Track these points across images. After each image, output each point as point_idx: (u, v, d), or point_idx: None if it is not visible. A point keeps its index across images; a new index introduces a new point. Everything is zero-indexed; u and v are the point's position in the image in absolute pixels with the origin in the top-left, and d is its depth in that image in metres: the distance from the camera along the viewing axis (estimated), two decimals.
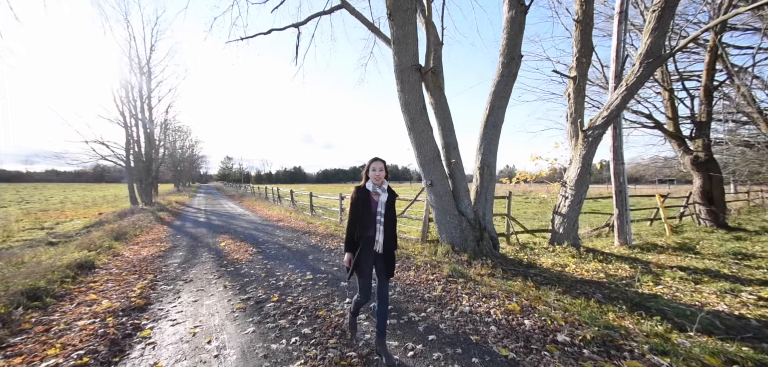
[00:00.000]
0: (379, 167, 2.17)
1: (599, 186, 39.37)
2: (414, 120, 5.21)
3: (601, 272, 4.61)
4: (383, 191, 2.17)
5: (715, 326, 2.76)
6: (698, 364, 2.10)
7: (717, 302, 3.43)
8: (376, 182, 2.16)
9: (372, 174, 2.17)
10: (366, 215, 2.15)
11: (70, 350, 2.32)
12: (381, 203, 2.15)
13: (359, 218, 2.15)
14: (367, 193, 2.18)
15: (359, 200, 2.16)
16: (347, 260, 2.16)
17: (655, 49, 4.78)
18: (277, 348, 2.37)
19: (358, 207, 2.16)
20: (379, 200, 2.16)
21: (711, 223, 8.61)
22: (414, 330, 2.61)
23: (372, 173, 2.17)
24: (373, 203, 2.17)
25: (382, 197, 2.16)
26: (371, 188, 2.17)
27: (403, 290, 3.57)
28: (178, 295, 3.59)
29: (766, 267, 4.77)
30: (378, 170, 2.16)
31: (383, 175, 2.17)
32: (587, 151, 5.92)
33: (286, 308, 3.11)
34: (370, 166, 2.19)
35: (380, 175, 2.16)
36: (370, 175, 2.18)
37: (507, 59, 5.30)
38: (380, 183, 2.17)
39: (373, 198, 2.17)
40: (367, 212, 2.15)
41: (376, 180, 2.16)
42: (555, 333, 2.46)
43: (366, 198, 2.17)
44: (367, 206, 2.16)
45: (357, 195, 2.18)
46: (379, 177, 2.15)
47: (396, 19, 4.60)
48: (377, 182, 2.16)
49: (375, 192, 2.16)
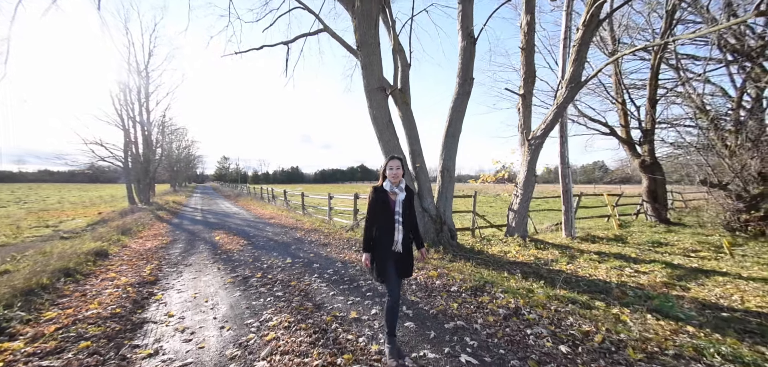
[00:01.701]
0: (396, 166, 2.14)
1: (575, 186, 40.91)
2: (381, 131, 6.15)
3: (533, 257, 5.60)
4: (401, 189, 2.14)
5: (575, 285, 3.75)
6: (527, 297, 3.13)
7: (599, 274, 4.43)
8: (393, 181, 2.13)
9: (389, 173, 2.14)
10: (385, 215, 2.12)
11: (105, 305, 3.22)
12: (399, 202, 2.13)
13: (377, 218, 2.13)
14: (384, 193, 2.14)
15: (377, 200, 2.13)
16: (366, 260, 2.15)
17: (576, 76, 5.81)
18: (255, 303, 3.29)
19: (377, 207, 2.13)
20: (397, 198, 2.13)
21: (655, 218, 9.70)
22: (359, 291, 3.55)
23: (389, 172, 2.14)
24: (391, 202, 2.13)
25: (400, 195, 2.13)
26: (389, 187, 2.13)
27: (362, 268, 4.51)
28: (180, 274, 4.49)
29: (668, 252, 5.81)
30: (395, 169, 2.13)
31: (401, 174, 2.14)
32: (531, 158, 6.94)
33: (266, 281, 4.04)
34: (387, 165, 2.16)
35: (398, 174, 2.12)
36: (388, 173, 2.15)
37: (462, 80, 6.29)
38: (398, 182, 2.14)
39: (391, 197, 2.13)
40: (385, 211, 2.12)
41: (394, 179, 2.12)
42: (451, 286, 3.46)
43: (384, 198, 2.13)
44: (386, 206, 2.12)
45: (375, 195, 2.15)
46: (396, 176, 2.12)
47: (363, 50, 5.55)
48: (395, 181, 2.12)
49: (393, 191, 2.12)
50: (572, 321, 2.74)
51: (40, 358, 2.22)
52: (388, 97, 6.26)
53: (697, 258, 5.41)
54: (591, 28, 5.48)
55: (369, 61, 5.62)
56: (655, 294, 3.56)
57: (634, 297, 3.44)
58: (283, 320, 2.84)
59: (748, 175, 6.82)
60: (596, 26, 5.54)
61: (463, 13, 6.17)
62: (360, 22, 5.41)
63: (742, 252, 5.61)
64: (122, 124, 16.84)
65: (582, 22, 5.53)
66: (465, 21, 6.17)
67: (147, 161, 18.77)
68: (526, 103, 7.34)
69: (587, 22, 5.41)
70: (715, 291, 3.71)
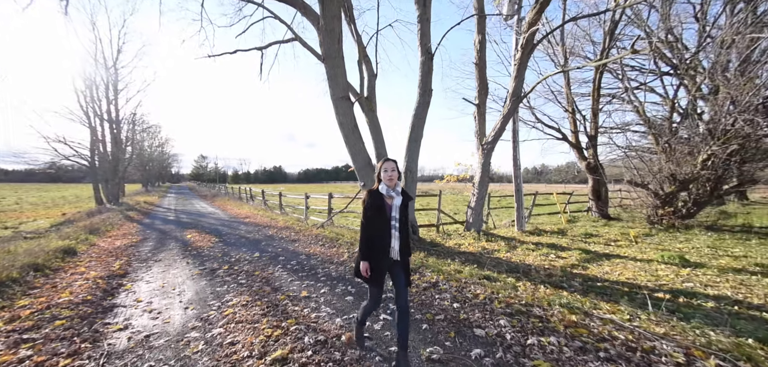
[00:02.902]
0: (391, 168, 2.05)
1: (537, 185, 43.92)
2: (347, 136, 6.68)
3: (481, 247, 6.36)
4: (397, 193, 2.05)
5: (501, 267, 4.50)
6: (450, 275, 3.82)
7: (527, 260, 5.23)
8: (389, 184, 2.03)
9: (384, 175, 2.04)
10: (380, 221, 2.01)
11: (77, 294, 3.53)
12: (395, 207, 2.04)
13: (374, 224, 2.03)
14: (380, 197, 2.04)
15: (373, 205, 2.03)
16: (365, 268, 2.02)
17: (517, 91, 6.65)
18: (219, 289, 3.73)
19: (372, 213, 2.03)
20: (393, 203, 2.04)
21: (598, 214, 10.94)
22: (315, 277, 4.08)
23: (384, 175, 2.04)
24: (387, 207, 2.03)
25: (396, 200, 2.04)
26: (385, 191, 2.03)
27: (323, 259, 5.03)
28: (149, 268, 4.79)
29: (593, 241, 6.79)
30: (390, 171, 2.04)
31: (396, 176, 2.05)
32: (484, 160, 7.76)
33: (232, 272, 4.46)
34: (382, 168, 2.07)
35: (393, 176, 2.03)
36: (383, 176, 2.05)
37: (422, 91, 6.95)
38: (394, 185, 2.04)
39: (387, 202, 2.04)
40: (381, 217, 2.02)
41: (389, 182, 2.03)
42: None
43: (380, 203, 2.03)
44: (382, 211, 2.02)
45: (371, 200, 2.04)
46: (392, 178, 2.03)
47: (327, 62, 6.06)
48: (390, 184, 2.03)
49: (389, 195, 2.04)
50: (472, 289, 3.45)
51: (20, 333, 2.57)
52: (353, 105, 6.81)
53: (613, 246, 6.40)
54: (527, 50, 6.33)
55: (334, 73, 6.14)
56: (559, 272, 4.37)
57: (542, 275, 4.22)
58: (241, 300, 3.32)
59: (663, 176, 8.01)
60: (532, 49, 6.39)
61: (421, 32, 6.84)
62: (324, 37, 5.91)
63: (650, 241, 6.69)
64: (88, 122, 16.19)
65: (520, 45, 6.37)
66: (423, 39, 6.84)
67: (116, 160, 18.11)
68: (480, 112, 8.17)
69: (524, 45, 6.25)
70: (606, 269, 4.60)
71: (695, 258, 5.06)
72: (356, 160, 6.79)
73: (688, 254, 5.26)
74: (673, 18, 9.66)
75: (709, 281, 4.02)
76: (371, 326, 2.65)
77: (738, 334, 2.51)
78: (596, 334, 2.52)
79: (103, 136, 17.42)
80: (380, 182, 2.08)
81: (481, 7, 7.42)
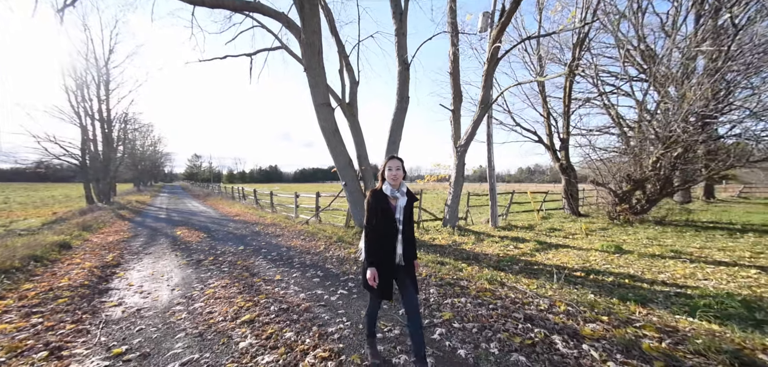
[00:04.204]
0: (396, 166, 1.93)
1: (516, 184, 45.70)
2: (329, 139, 7.21)
3: (453, 241, 6.94)
4: (402, 194, 1.95)
5: (461, 255, 5.07)
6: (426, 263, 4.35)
7: (490, 251, 5.82)
8: (393, 184, 1.93)
9: (388, 174, 1.93)
10: (385, 223, 1.91)
11: (75, 279, 3.98)
12: (400, 208, 1.94)
13: (378, 228, 1.91)
14: (384, 197, 1.93)
15: (377, 208, 1.91)
16: (371, 276, 1.86)
17: (486, 99, 7.27)
18: (203, 276, 4.22)
19: (377, 215, 1.91)
20: (398, 204, 1.94)
21: (570, 211, 11.66)
22: (291, 265, 4.59)
23: (388, 173, 1.93)
24: (391, 208, 1.93)
25: (401, 201, 1.95)
26: (389, 191, 1.92)
27: (301, 251, 5.55)
28: (141, 260, 5.24)
29: (554, 235, 7.45)
30: (395, 170, 1.92)
31: (401, 176, 1.94)
32: (459, 162, 8.37)
33: (217, 262, 4.94)
34: (387, 165, 1.95)
35: (398, 175, 1.93)
36: (387, 175, 1.94)
37: (399, 98, 7.52)
38: (398, 185, 1.94)
39: (391, 203, 1.94)
40: (386, 219, 1.91)
41: (394, 181, 1.92)
42: (360, 257, 4.62)
43: (384, 204, 1.92)
44: (386, 213, 1.91)
45: (375, 202, 1.93)
46: (396, 178, 1.92)
47: (309, 73, 6.58)
48: (395, 184, 1.93)
49: (393, 196, 1.92)
50: (422, 271, 4.01)
51: (30, 308, 3.04)
52: (334, 110, 7.33)
53: (570, 238, 7.05)
54: (492, 63, 6.95)
55: (315, 82, 6.66)
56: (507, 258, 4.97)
57: (492, 261, 4.82)
58: (222, 283, 3.82)
59: (621, 177, 8.73)
60: (496, 63, 7.02)
61: (398, 44, 7.41)
62: (305, 50, 6.43)
63: (603, 234, 7.37)
64: (79, 121, 16.33)
65: (486, 59, 6.99)
66: (400, 50, 7.42)
67: (107, 159, 18.27)
68: (455, 117, 8.77)
69: (489, 59, 6.87)
70: (549, 256, 5.24)
71: (630, 247, 5.73)
72: (338, 161, 7.33)
73: (625, 244, 5.94)
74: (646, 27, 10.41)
75: (624, 263, 4.71)
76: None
77: (597, 294, 3.28)
78: (497, 296, 3.21)
79: (94, 135, 17.57)
80: (383, 182, 1.97)
81: (454, 22, 8.03)
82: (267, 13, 6.67)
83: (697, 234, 6.85)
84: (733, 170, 7.77)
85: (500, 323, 2.62)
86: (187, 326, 2.68)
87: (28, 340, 2.40)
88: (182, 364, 2.13)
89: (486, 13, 8.66)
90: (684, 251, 5.34)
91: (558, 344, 2.24)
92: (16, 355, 2.20)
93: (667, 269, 4.36)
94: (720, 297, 3.12)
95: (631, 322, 2.61)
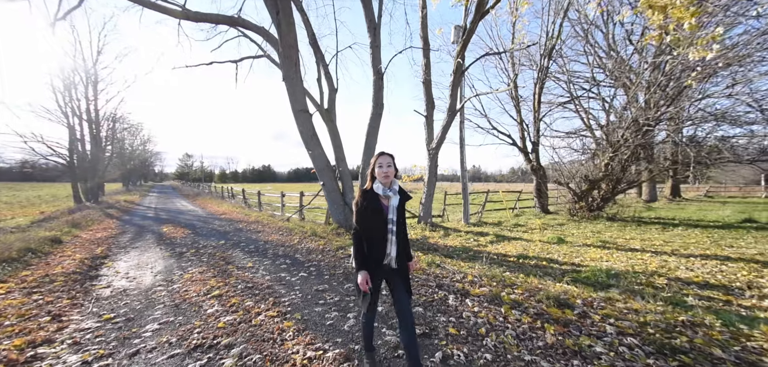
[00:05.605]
0: (387, 163, 1.83)
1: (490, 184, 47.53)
2: (307, 143, 7.78)
3: (423, 236, 7.58)
4: (394, 192, 1.84)
5: (426, 247, 5.72)
6: None
7: (452, 243, 6.49)
8: (384, 182, 1.82)
9: (379, 172, 1.82)
10: (376, 225, 1.80)
11: (67, 268, 4.48)
12: (392, 208, 1.83)
13: (369, 229, 1.80)
14: (375, 197, 1.83)
15: (369, 208, 1.81)
16: (362, 281, 1.75)
17: (452, 107, 7.95)
18: (184, 265, 4.76)
19: (367, 216, 1.81)
20: (390, 204, 1.83)
21: (540, 209, 12.48)
22: (265, 255, 5.16)
23: (379, 171, 1.83)
24: (383, 208, 1.82)
25: (393, 200, 1.84)
26: (381, 190, 1.81)
27: (276, 244, 6.12)
28: (127, 253, 5.73)
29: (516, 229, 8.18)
30: (386, 167, 1.82)
31: (393, 173, 1.83)
32: (431, 163, 9.04)
33: (197, 254, 5.48)
34: (377, 162, 1.84)
35: (389, 173, 1.82)
36: (377, 173, 1.83)
37: (374, 105, 8.14)
38: (390, 183, 1.84)
39: (383, 203, 1.83)
40: (377, 220, 1.81)
41: (385, 179, 1.82)
42: (327, 249, 5.23)
43: (375, 204, 1.82)
44: (378, 214, 1.81)
45: (365, 202, 1.83)
46: (388, 175, 1.81)
47: (287, 82, 7.14)
48: (386, 182, 1.82)
49: (385, 195, 1.82)
50: None
51: (30, 288, 3.55)
52: (311, 117, 7.92)
53: (529, 233, 7.78)
54: (457, 75, 7.64)
55: (293, 90, 7.23)
56: (460, 248, 5.64)
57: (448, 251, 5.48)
58: (199, 270, 4.37)
59: (580, 177, 9.54)
60: (461, 74, 7.70)
61: (373, 56, 8.03)
62: (283, 62, 7.00)
63: (559, 229, 8.14)
64: (67, 121, 16.46)
65: (452, 71, 7.68)
66: (375, 61, 8.04)
67: (95, 159, 18.40)
68: (428, 122, 9.44)
69: (455, 71, 7.56)
70: (499, 247, 5.97)
71: (571, 239, 6.49)
72: (316, 163, 7.91)
73: (570, 237, 6.70)
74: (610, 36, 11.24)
75: (554, 251, 5.50)
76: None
77: (513, 272, 3.97)
78: (427, 273, 3.90)
79: (83, 134, 17.70)
80: (373, 180, 1.85)
81: (425, 36, 8.72)
82: (248, 27, 7.22)
83: (637, 228, 7.67)
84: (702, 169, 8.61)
85: (415, 289, 3.30)
86: (165, 301, 3.25)
87: (32, 310, 2.94)
88: (160, 324, 2.70)
89: (458, 27, 9.39)
90: (612, 241, 6.12)
91: (450, 300, 2.94)
92: (25, 319, 2.74)
93: (583, 254, 5.12)
94: (596, 271, 3.88)
95: (513, 286, 3.33)
